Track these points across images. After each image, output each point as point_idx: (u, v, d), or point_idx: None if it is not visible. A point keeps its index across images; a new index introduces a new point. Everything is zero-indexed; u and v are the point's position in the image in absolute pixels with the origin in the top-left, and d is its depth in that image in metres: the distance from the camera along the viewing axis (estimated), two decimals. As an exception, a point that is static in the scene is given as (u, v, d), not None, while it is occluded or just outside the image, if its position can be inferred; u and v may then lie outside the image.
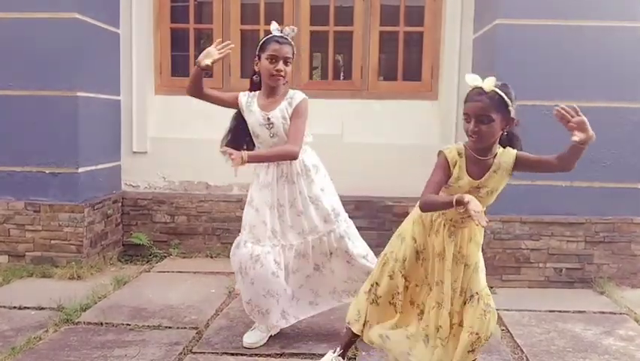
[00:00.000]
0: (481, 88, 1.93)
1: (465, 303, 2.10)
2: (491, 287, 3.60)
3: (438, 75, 4.40)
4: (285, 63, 2.57)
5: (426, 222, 2.16)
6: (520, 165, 2.06)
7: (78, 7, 3.77)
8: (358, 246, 2.73)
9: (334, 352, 2.42)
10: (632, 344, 2.81)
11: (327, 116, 4.35)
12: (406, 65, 4.49)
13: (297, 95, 2.62)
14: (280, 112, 2.59)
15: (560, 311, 3.25)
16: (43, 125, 3.80)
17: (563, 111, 1.94)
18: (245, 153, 2.45)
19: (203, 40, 5.07)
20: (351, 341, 2.43)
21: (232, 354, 2.62)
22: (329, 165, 3.85)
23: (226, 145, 2.65)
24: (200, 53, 2.62)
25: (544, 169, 2.16)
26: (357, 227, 2.86)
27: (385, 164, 4.32)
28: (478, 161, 2.02)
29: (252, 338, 2.72)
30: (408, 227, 2.25)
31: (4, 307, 3.18)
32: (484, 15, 3.94)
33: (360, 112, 4.38)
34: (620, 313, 3.23)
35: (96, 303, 3.26)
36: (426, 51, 4.43)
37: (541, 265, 3.68)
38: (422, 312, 2.20)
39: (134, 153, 4.45)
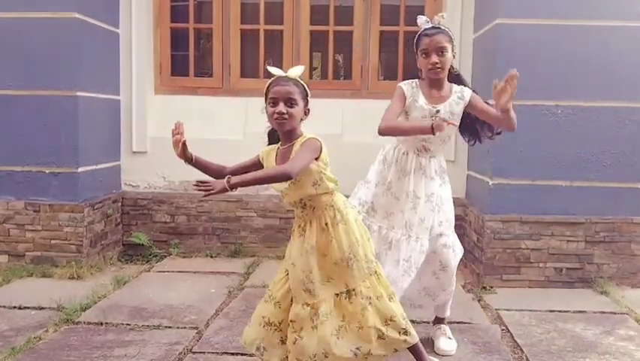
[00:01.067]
0: (286, 76, 2.12)
1: (336, 295, 2.09)
2: (491, 287, 3.65)
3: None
4: (440, 54, 2.48)
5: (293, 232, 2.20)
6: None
7: (78, 7, 3.77)
8: (454, 264, 2.66)
9: None
10: (632, 343, 2.81)
11: (327, 116, 4.34)
12: (406, 64, 4.48)
13: (466, 92, 2.58)
14: (449, 107, 2.54)
15: (560, 311, 3.25)
16: (43, 125, 3.80)
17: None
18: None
19: (203, 39, 5.07)
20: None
21: (232, 354, 2.61)
22: (329, 164, 3.84)
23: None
24: (200, 53, 2.62)
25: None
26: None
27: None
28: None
29: None
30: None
31: (4, 307, 3.18)
32: (485, 15, 3.94)
33: (360, 112, 4.37)
34: (621, 313, 3.23)
35: (96, 303, 3.26)
36: (426, 51, 4.42)
37: (541, 264, 3.68)
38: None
39: (134, 152, 4.45)
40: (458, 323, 3.02)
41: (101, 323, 2.95)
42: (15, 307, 3.18)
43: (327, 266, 2.08)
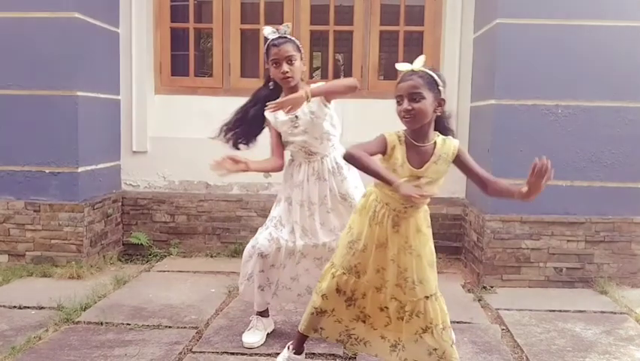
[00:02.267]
0: (411, 70, 1.98)
1: (426, 298, 2.11)
2: (491, 286, 3.65)
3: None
4: (289, 62, 2.56)
5: (369, 213, 2.14)
6: (458, 162, 2.08)
7: (78, 7, 3.77)
8: None
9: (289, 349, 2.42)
10: (632, 343, 2.81)
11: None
12: (405, 64, 4.49)
13: (312, 85, 2.62)
14: (307, 107, 2.58)
15: (560, 311, 3.25)
16: (43, 125, 3.80)
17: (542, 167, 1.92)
18: (304, 93, 2.42)
19: (203, 39, 5.07)
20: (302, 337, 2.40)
21: (232, 354, 2.61)
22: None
23: (230, 136, 2.72)
24: (199, 53, 2.63)
25: (472, 178, 2.15)
26: None
27: (385, 163, 4.32)
28: (418, 149, 2.02)
29: (252, 337, 2.71)
30: (353, 217, 2.27)
31: (4, 306, 3.18)
32: (485, 14, 3.94)
33: (360, 111, 4.37)
34: (621, 313, 3.23)
35: (96, 302, 3.26)
36: (426, 51, 4.42)
37: (541, 264, 3.68)
38: (349, 299, 2.21)
39: (134, 152, 4.45)
40: (458, 322, 3.02)
41: (101, 323, 2.95)
42: (15, 306, 3.18)
43: (422, 268, 2.09)
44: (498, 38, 3.63)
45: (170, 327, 2.94)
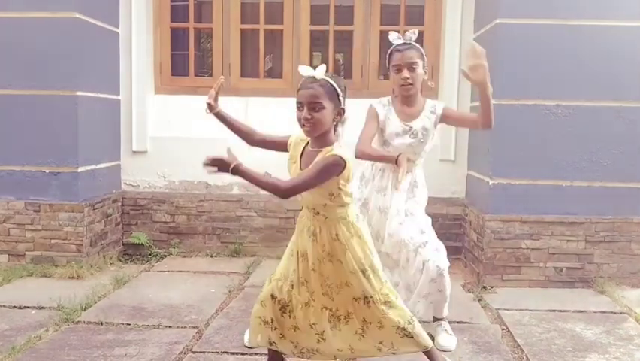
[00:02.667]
0: (313, 77, 1.97)
1: (354, 300, 2.11)
2: (491, 286, 3.65)
3: (438, 75, 4.39)
4: (411, 69, 2.57)
5: (299, 222, 2.18)
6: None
7: (78, 7, 3.77)
8: (445, 265, 2.66)
9: None
10: (632, 343, 2.81)
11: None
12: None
13: (438, 106, 2.69)
14: (421, 122, 2.66)
15: (560, 311, 3.25)
16: (42, 125, 3.80)
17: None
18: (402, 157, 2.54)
19: (203, 39, 5.07)
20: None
21: (232, 353, 2.61)
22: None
23: None
24: (200, 53, 2.62)
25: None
26: None
27: (385, 163, 4.32)
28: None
29: None
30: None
31: (4, 306, 3.18)
32: (485, 14, 3.94)
33: (360, 111, 4.36)
34: (621, 313, 3.23)
35: (96, 302, 3.26)
36: (426, 50, 4.37)
37: (541, 264, 3.68)
38: (284, 307, 2.19)
39: (134, 152, 4.45)
40: (458, 322, 3.02)
41: (101, 323, 2.95)
42: (15, 306, 3.18)
43: (343, 272, 2.10)
44: (498, 38, 3.63)
45: (170, 327, 2.94)
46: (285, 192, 1.91)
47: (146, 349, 2.64)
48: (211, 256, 4.35)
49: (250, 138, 2.32)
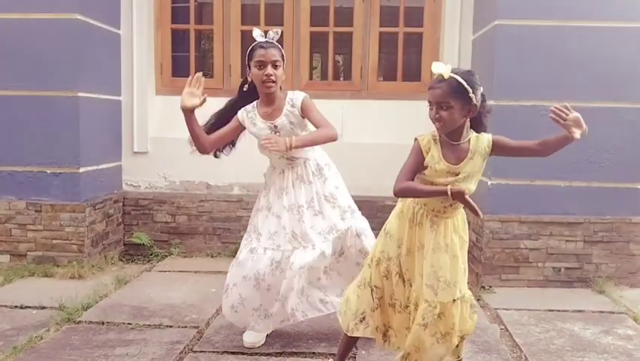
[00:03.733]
0: (441, 75, 1.96)
1: (454, 301, 2.07)
2: (490, 286, 3.66)
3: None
4: (274, 67, 2.54)
5: (408, 215, 2.13)
6: (497, 149, 2.11)
7: (79, 8, 3.79)
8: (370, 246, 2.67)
9: None
10: (631, 343, 2.83)
11: (327, 116, 4.35)
12: (405, 65, 4.50)
13: (296, 95, 2.62)
14: (286, 117, 2.60)
15: (558, 311, 3.27)
16: (44, 126, 3.82)
17: (557, 111, 2.00)
18: (290, 141, 2.41)
19: (204, 40, 5.09)
20: (347, 350, 2.36)
21: (233, 353, 2.63)
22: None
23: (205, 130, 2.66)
24: (200, 54, 2.63)
25: (523, 154, 2.26)
26: None
27: (385, 164, 4.32)
28: (453, 146, 2.05)
29: (252, 337, 2.71)
30: (393, 222, 2.23)
31: (6, 306, 3.20)
32: (484, 16, 3.96)
33: (360, 112, 4.39)
34: (619, 313, 3.24)
35: (97, 302, 3.27)
36: (425, 51, 4.45)
37: (540, 264, 3.70)
38: (402, 306, 2.17)
39: (135, 153, 4.46)
40: (457, 322, 3.04)
41: (103, 323, 2.97)
42: (17, 306, 3.20)
43: (457, 268, 2.06)
44: (497, 39, 3.65)
45: (171, 327, 2.95)
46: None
47: (147, 348, 2.66)
48: (212, 256, 4.36)
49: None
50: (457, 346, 2.12)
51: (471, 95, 1.96)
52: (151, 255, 4.33)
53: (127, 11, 4.36)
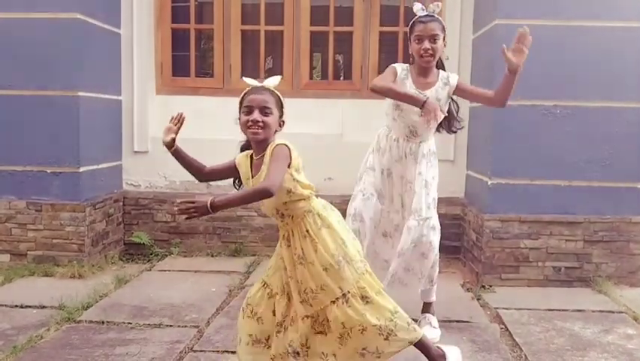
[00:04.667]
0: (262, 86, 2.05)
1: (332, 303, 2.02)
2: (490, 286, 3.66)
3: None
4: (433, 41, 2.63)
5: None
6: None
7: (79, 8, 3.79)
8: (437, 243, 2.80)
9: None
10: (631, 342, 2.83)
11: (327, 116, 4.37)
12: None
13: (452, 77, 2.75)
14: (435, 92, 2.70)
15: (558, 310, 3.26)
16: (44, 125, 3.82)
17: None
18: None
19: (204, 40, 5.09)
20: None
21: (233, 353, 2.62)
22: (329, 164, 3.86)
23: None
24: (200, 53, 2.64)
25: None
26: None
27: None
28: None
29: None
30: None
31: (6, 305, 3.20)
32: (484, 15, 3.96)
33: (360, 112, 4.39)
34: (619, 312, 3.24)
35: (97, 302, 3.27)
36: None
37: (540, 264, 3.70)
38: (280, 324, 2.11)
39: (135, 152, 4.47)
40: (457, 321, 3.04)
41: (103, 322, 2.97)
42: (17, 306, 3.20)
43: (317, 274, 2.02)
44: (497, 39, 3.64)
45: (171, 326, 2.95)
46: (272, 187, 1.83)
47: (147, 348, 2.66)
48: (212, 256, 4.36)
49: (200, 173, 2.36)
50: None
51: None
52: (151, 254, 4.33)
53: (127, 11, 4.36)
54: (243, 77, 2.12)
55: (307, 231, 2.04)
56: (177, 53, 4.62)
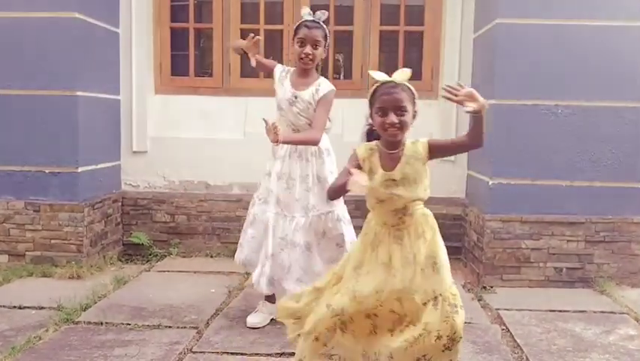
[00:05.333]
0: (393, 81, 1.99)
1: (424, 304, 1.98)
2: (491, 286, 3.65)
3: (438, 75, 4.40)
4: (314, 47, 2.75)
5: (370, 236, 2.10)
6: (434, 150, 2.04)
7: (78, 7, 3.78)
8: (350, 231, 2.89)
9: None
10: (632, 343, 2.82)
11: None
12: (406, 64, 4.48)
13: (325, 85, 2.83)
14: (308, 95, 2.80)
15: (560, 311, 3.25)
16: (42, 125, 3.81)
17: (448, 89, 1.94)
18: (281, 136, 2.59)
19: (203, 39, 5.07)
20: None
21: (232, 354, 2.61)
22: (329, 164, 3.70)
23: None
24: (200, 53, 2.65)
25: (459, 150, 2.24)
26: (356, 227, 2.93)
27: (385, 163, 4.32)
28: (390, 155, 2.03)
29: (255, 318, 2.91)
30: (355, 244, 2.23)
31: (4, 306, 3.18)
32: (484, 14, 3.94)
33: (360, 112, 4.35)
34: (620, 313, 3.23)
35: (96, 302, 3.26)
36: (426, 50, 4.43)
37: (541, 264, 3.68)
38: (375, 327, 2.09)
39: (134, 152, 4.45)
40: (458, 322, 3.03)
41: (101, 323, 2.95)
42: (15, 306, 3.18)
43: (422, 273, 2.00)
44: (498, 38, 3.63)
45: (170, 327, 2.94)
46: None
47: (146, 349, 2.65)
48: (211, 256, 4.35)
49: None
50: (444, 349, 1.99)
51: (416, 101, 2.01)
52: (150, 255, 4.32)
53: (126, 10, 4.34)
54: (370, 71, 2.10)
55: (423, 231, 2.04)
56: (176, 53, 4.60)
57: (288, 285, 2.82)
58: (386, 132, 1.97)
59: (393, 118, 1.94)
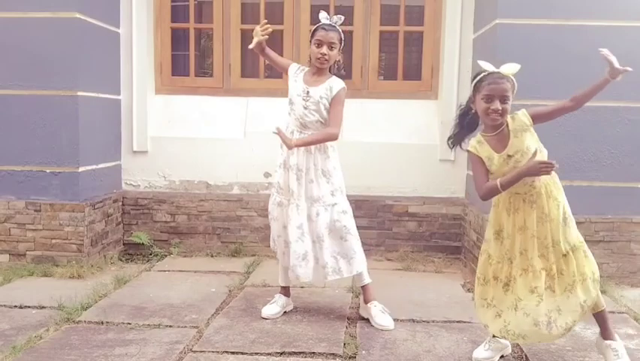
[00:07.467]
0: (500, 73, 2.26)
1: (565, 255, 2.33)
2: (491, 286, 3.62)
3: (438, 74, 4.41)
4: (330, 48, 2.87)
5: (505, 205, 2.39)
6: (537, 118, 2.37)
7: (78, 7, 3.78)
8: (354, 225, 3.01)
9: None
10: (632, 343, 2.82)
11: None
12: (406, 64, 4.49)
13: (337, 83, 2.94)
14: (320, 92, 2.91)
15: (559, 310, 3.25)
16: (43, 125, 3.82)
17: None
18: (293, 141, 2.81)
19: (204, 39, 5.08)
20: None
21: (232, 353, 2.62)
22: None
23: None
24: (200, 53, 2.66)
25: (558, 114, 2.48)
26: (357, 226, 3.04)
27: (385, 163, 4.33)
28: (496, 137, 2.31)
29: (270, 310, 3.04)
30: (490, 216, 2.49)
31: (5, 306, 3.19)
32: (484, 15, 3.95)
33: (360, 111, 4.38)
34: (620, 313, 3.23)
35: (97, 302, 3.26)
36: (426, 50, 4.44)
37: (541, 264, 3.68)
38: (506, 285, 2.40)
39: (135, 152, 4.46)
40: (458, 322, 3.03)
41: (102, 322, 2.96)
42: (16, 306, 3.19)
43: (556, 229, 2.32)
44: (497, 38, 3.64)
45: (170, 326, 2.94)
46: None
47: (147, 348, 2.65)
48: (211, 256, 4.36)
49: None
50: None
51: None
52: (150, 254, 4.32)
53: (126, 10, 4.36)
54: (479, 61, 2.33)
55: (551, 192, 2.34)
56: (177, 53, 4.61)
57: (300, 271, 2.95)
58: (488, 117, 2.26)
59: (498, 105, 2.22)
